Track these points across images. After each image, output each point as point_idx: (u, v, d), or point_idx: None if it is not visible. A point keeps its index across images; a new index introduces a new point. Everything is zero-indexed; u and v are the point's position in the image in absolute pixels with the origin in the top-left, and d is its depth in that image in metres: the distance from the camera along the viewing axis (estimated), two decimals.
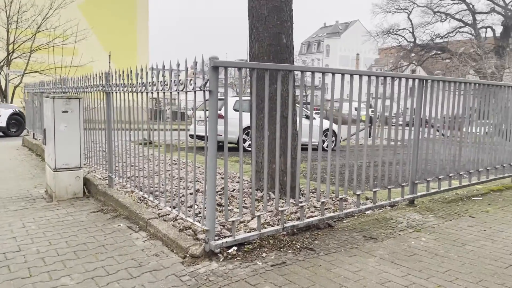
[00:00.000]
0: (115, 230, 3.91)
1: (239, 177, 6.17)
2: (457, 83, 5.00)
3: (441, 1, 38.38)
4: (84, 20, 25.77)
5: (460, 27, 38.95)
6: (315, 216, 3.89)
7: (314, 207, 4.48)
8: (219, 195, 4.85)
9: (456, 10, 38.17)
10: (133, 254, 3.29)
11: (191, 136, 13.65)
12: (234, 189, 5.06)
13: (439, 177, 4.92)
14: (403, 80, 4.37)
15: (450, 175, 5.05)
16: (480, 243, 3.54)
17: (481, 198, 5.26)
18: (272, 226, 3.69)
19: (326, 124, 13.37)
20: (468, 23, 38.24)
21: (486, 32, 38.27)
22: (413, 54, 43.18)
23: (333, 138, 13.16)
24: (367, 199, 4.80)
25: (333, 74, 3.73)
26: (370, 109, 8.73)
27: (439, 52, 41.04)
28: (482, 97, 5.39)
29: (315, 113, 17.85)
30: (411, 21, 40.06)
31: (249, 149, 13.20)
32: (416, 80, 4.52)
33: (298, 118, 4.38)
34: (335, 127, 12.00)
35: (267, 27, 4.52)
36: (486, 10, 37.46)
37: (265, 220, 3.89)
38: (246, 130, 13.10)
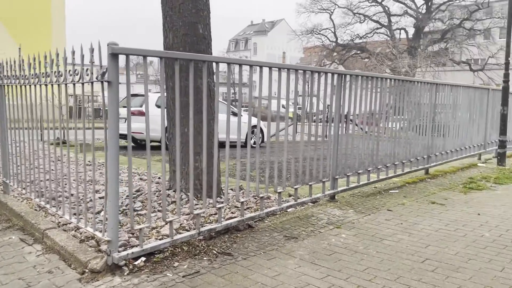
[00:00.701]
0: (4, 244, 3.37)
1: (159, 178, 5.79)
2: (374, 78, 5.06)
3: (360, 3, 40.35)
4: None
5: (377, 28, 41.26)
6: (235, 217, 3.66)
7: (236, 207, 4.27)
8: (135, 198, 4.44)
9: (373, 12, 40.45)
10: (22, 272, 2.82)
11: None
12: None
13: (359, 171, 4.96)
14: (326, 76, 4.30)
15: (368, 169, 5.12)
16: (397, 237, 3.55)
17: (397, 191, 5.40)
18: (187, 231, 3.40)
19: (254, 121, 13.34)
20: (384, 25, 40.62)
21: (400, 33, 40.94)
22: (335, 53, 44.95)
23: (261, 135, 13.17)
24: (290, 196, 4.69)
25: (251, 66, 3.53)
26: (297, 106, 8.79)
27: (358, 52, 43.13)
28: (397, 94, 5.54)
29: (244, 110, 17.73)
30: (333, 21, 41.62)
31: (254, 146, 12.71)
32: (335, 75, 4.48)
33: (218, 114, 4.14)
34: (262, 123, 12.02)
35: (182, 16, 4.21)
36: (400, 12, 40.09)
37: (180, 224, 3.59)
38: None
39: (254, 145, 13.61)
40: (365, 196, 5.01)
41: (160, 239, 3.13)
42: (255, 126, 12.83)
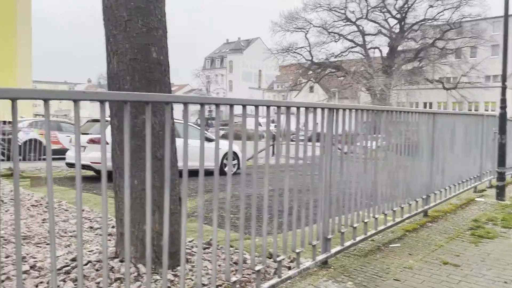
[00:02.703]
0: None
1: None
2: (364, 111, 4.20)
3: (335, 22, 40.43)
4: None
5: (352, 47, 41.35)
6: None
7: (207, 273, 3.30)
8: (65, 272, 3.37)
9: (348, 31, 40.42)
10: None
11: (67, 164, 11.56)
12: (89, 262, 3.58)
13: (354, 225, 4.04)
14: (314, 111, 3.40)
15: (365, 221, 4.21)
16: None
17: (399, 244, 4.51)
18: None
19: (226, 146, 12.38)
20: (358, 44, 40.74)
21: (374, 52, 41.13)
22: (310, 72, 44.76)
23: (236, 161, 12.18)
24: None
25: (231, 105, 2.59)
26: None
27: (334, 70, 43.06)
28: (392, 127, 4.70)
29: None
30: (308, 40, 41.48)
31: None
32: (326, 110, 3.58)
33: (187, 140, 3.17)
34: (236, 148, 11.01)
35: (129, 36, 3.25)
36: (374, 32, 40.34)
37: None
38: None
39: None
40: (363, 256, 4.09)
41: None
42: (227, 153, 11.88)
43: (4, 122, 17.58)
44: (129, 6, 3.21)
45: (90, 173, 11.10)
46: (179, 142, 3.44)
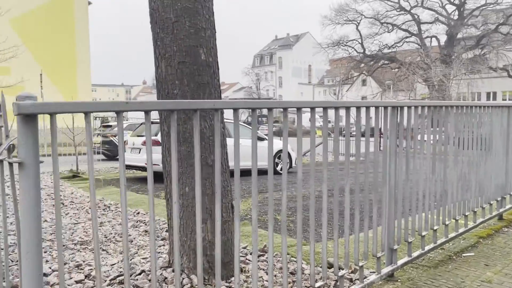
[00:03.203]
0: None
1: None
2: (431, 107, 3.80)
3: (388, 12, 38.89)
4: (15, 36, 23.34)
5: (407, 37, 39.59)
6: None
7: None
8: (119, 282, 3.32)
9: (402, 20, 38.75)
10: None
11: (128, 167, 11.73)
12: (143, 272, 3.51)
13: (423, 234, 3.68)
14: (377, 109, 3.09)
15: (434, 228, 3.83)
16: None
17: (472, 253, 4.07)
18: None
19: (279, 144, 12.16)
20: (414, 33, 38.92)
21: (431, 41, 39.09)
22: (362, 65, 43.42)
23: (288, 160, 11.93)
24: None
25: (284, 109, 2.37)
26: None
27: (387, 62, 41.46)
28: (463, 123, 4.25)
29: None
30: (359, 32, 40.24)
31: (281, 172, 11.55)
32: (389, 109, 3.26)
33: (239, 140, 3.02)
34: (289, 147, 10.82)
35: (177, 38, 3.12)
36: (431, 20, 38.33)
37: None
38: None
39: (281, 172, 12.40)
40: (433, 267, 3.71)
41: None
42: (280, 151, 11.65)
43: (105, 126, 18.66)
44: (176, 7, 3.07)
45: (146, 173, 11.35)
46: (230, 142, 3.28)
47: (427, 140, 3.66)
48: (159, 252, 4.23)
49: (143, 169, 10.58)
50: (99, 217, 6.68)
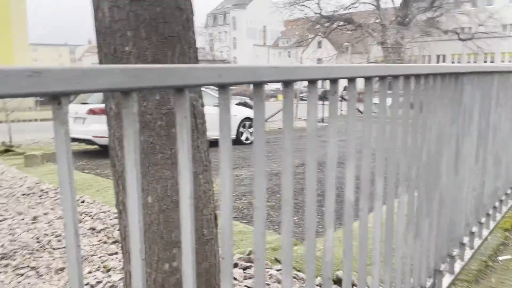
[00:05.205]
0: None
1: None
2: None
3: None
4: None
5: None
6: None
7: None
8: None
9: None
10: None
11: (72, 139, 10.21)
12: None
13: (463, 241, 2.83)
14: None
15: (472, 231, 3.00)
16: None
17: (509, 256, 3.31)
18: None
19: (244, 112, 11.03)
20: None
21: (387, 3, 38.58)
22: (318, 26, 42.35)
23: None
24: None
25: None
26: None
27: (343, 24, 40.65)
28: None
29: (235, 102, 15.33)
30: None
31: (247, 142, 10.32)
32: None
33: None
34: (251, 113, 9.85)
35: None
36: None
37: None
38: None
39: (247, 141, 11.36)
40: (474, 281, 2.89)
41: None
42: (247, 119, 10.57)
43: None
44: None
45: (93, 147, 9.93)
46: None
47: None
48: (110, 269, 3.13)
49: (89, 142, 9.15)
50: (33, 208, 5.40)
